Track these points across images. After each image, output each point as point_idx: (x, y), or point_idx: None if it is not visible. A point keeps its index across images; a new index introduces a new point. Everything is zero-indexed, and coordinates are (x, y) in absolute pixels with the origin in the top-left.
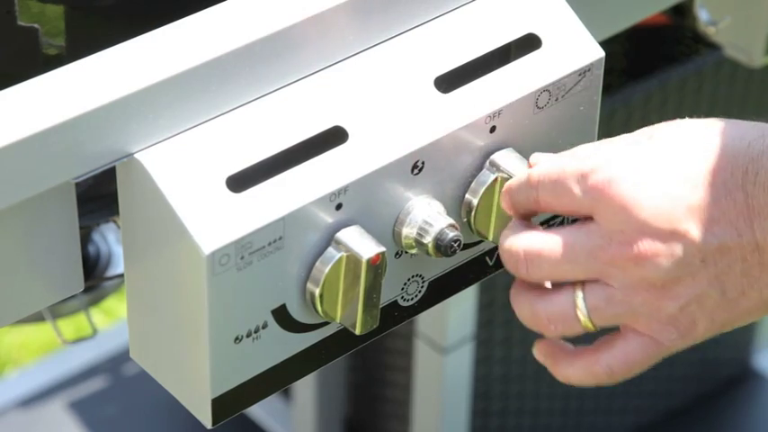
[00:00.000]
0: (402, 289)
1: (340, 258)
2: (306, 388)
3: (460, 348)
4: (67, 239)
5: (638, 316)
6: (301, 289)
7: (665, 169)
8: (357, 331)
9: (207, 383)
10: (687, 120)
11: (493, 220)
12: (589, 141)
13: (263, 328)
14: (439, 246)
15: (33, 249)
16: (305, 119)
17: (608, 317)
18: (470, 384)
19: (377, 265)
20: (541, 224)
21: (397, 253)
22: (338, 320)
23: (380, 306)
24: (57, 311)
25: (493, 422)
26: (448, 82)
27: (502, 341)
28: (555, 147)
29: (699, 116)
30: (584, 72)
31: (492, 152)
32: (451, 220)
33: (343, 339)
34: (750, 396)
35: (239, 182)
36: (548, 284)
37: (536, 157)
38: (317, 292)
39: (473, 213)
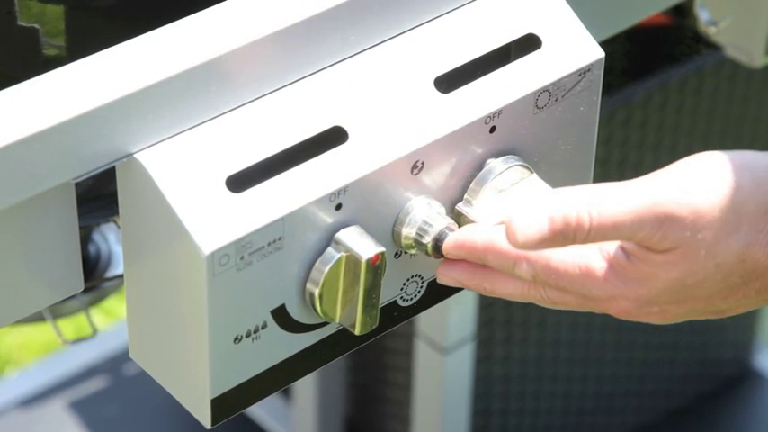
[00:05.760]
0: (401, 289)
1: (339, 258)
2: (306, 388)
3: (461, 348)
4: (67, 239)
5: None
6: (301, 289)
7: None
8: (356, 331)
9: (206, 383)
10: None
11: None
12: (589, 142)
13: (263, 328)
14: (438, 246)
15: (33, 249)
16: (305, 119)
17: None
18: (471, 384)
19: (376, 266)
20: None
21: (396, 253)
22: (337, 321)
23: (380, 306)
24: (57, 311)
25: (493, 422)
26: (448, 82)
27: (502, 341)
28: (554, 147)
29: (700, 117)
30: (584, 72)
31: (491, 153)
32: (451, 221)
33: (342, 339)
34: (750, 396)
35: (239, 182)
36: None
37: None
38: (317, 292)
39: None
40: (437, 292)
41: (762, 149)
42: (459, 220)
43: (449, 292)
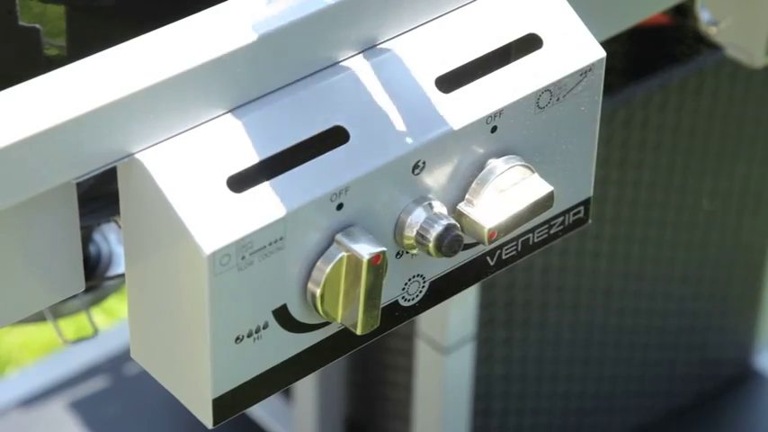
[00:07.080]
0: (403, 289)
1: (341, 258)
2: (306, 388)
3: (461, 348)
4: (68, 239)
5: None
6: (302, 289)
7: None
8: (358, 331)
9: (208, 383)
10: None
11: None
12: (590, 142)
13: (264, 328)
14: (440, 246)
15: (34, 249)
16: (305, 119)
17: None
18: (471, 384)
19: (378, 266)
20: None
21: (398, 253)
22: (339, 321)
23: (381, 306)
24: (58, 311)
25: (494, 422)
26: (449, 82)
27: (503, 341)
28: (556, 147)
29: (700, 117)
30: (585, 72)
31: (493, 153)
32: (452, 220)
33: (343, 339)
34: (750, 396)
35: (240, 182)
36: None
37: None
38: (318, 292)
39: None
40: (439, 293)
41: (762, 149)
42: (461, 220)
43: (450, 292)
